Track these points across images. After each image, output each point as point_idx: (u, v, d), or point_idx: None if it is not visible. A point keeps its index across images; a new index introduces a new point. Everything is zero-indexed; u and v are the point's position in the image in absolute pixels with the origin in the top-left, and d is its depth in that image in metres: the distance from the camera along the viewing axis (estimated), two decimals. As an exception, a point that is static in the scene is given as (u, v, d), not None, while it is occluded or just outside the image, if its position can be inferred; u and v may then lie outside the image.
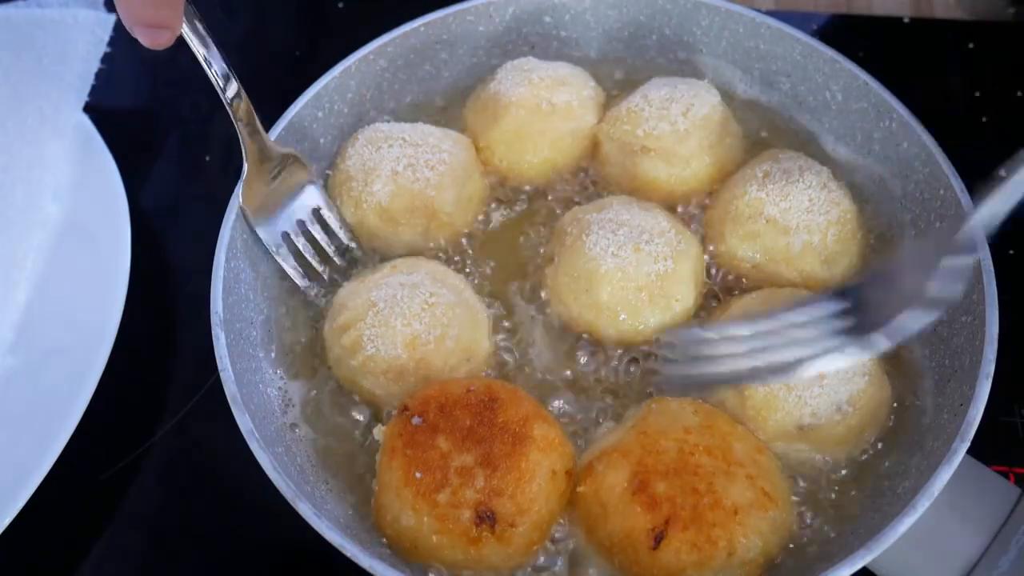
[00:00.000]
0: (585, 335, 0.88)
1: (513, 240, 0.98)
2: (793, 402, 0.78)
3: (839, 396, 0.78)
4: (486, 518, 0.73)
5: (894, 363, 0.85)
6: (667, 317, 0.86)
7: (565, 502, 0.77)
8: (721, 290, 0.92)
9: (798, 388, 0.78)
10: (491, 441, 0.75)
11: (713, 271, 0.94)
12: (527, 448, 0.75)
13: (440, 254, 0.96)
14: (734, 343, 0.78)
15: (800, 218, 0.88)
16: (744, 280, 0.92)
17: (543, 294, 0.92)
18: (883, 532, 0.68)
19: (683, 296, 0.87)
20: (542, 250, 0.95)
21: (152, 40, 0.74)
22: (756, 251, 0.90)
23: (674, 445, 0.75)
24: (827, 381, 0.78)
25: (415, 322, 0.83)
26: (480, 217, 0.99)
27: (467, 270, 0.95)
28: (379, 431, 0.79)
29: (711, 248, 0.94)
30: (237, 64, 0.84)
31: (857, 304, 0.75)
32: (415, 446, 0.75)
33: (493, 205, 1.00)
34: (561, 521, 0.78)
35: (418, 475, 0.74)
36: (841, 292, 0.78)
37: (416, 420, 0.77)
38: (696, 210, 0.98)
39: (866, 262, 0.93)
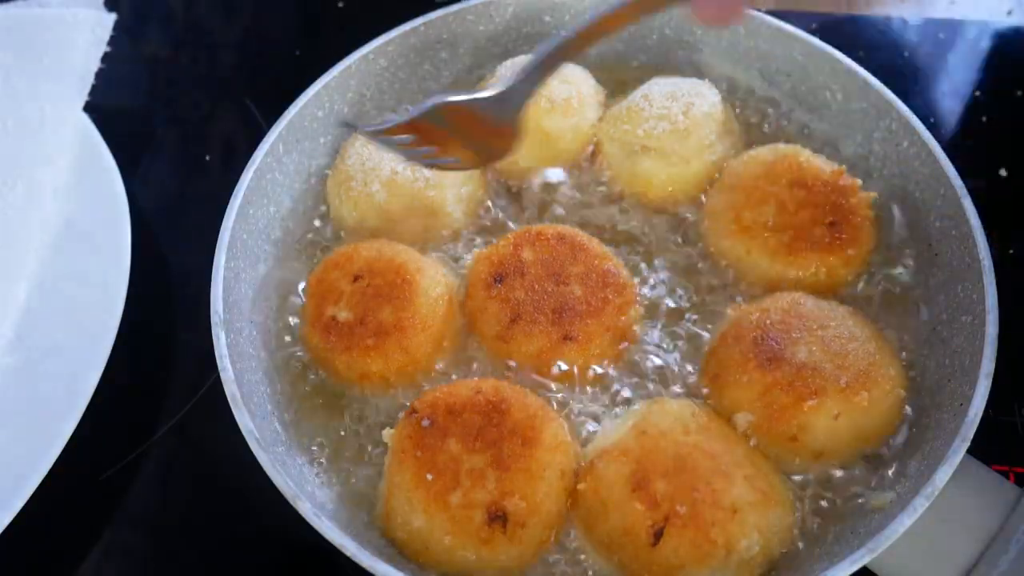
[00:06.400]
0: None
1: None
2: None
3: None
4: (497, 518, 0.73)
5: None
6: None
7: (572, 501, 0.78)
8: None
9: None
10: (501, 442, 0.76)
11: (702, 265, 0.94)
12: (536, 449, 0.76)
13: (440, 252, 0.96)
14: None
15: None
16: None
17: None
18: (883, 532, 0.68)
19: None
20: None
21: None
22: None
23: (673, 445, 0.75)
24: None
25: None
26: (480, 214, 0.99)
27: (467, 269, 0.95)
28: (387, 434, 0.79)
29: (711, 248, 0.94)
30: (237, 64, 0.84)
31: None
32: (425, 448, 0.76)
33: (493, 203, 1.00)
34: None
35: (429, 477, 0.74)
36: None
37: (425, 422, 0.77)
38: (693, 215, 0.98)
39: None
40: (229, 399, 0.77)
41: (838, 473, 0.80)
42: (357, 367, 0.84)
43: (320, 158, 1.02)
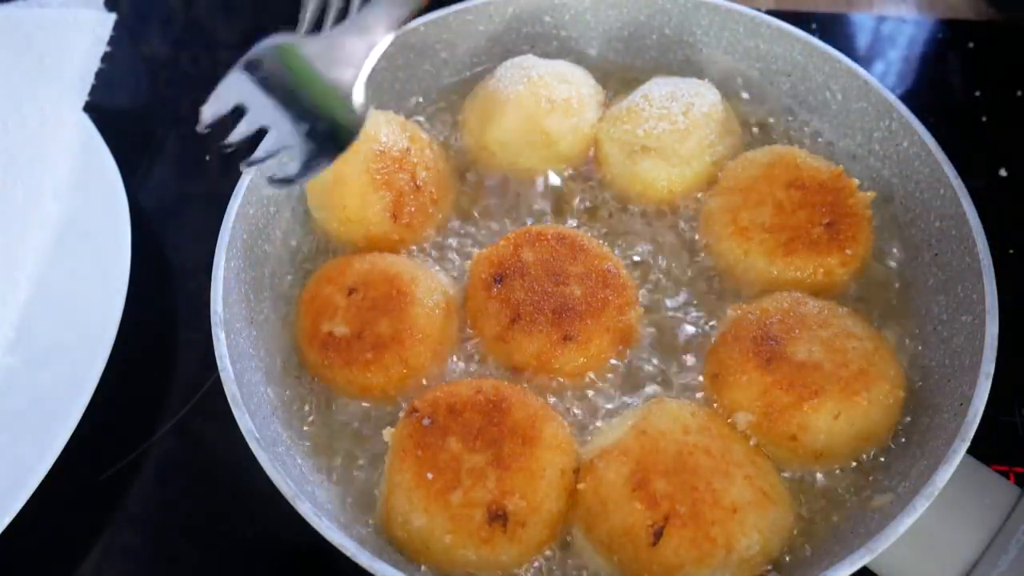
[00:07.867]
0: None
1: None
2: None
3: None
4: (498, 517, 0.73)
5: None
6: None
7: (572, 501, 0.78)
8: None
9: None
10: (501, 441, 0.76)
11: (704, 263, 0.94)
12: (537, 448, 0.76)
13: (436, 253, 0.96)
14: None
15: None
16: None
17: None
18: (883, 532, 0.68)
19: None
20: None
21: None
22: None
23: (673, 445, 0.75)
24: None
25: None
26: (481, 216, 0.99)
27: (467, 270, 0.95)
28: (388, 433, 0.79)
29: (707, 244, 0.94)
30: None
31: None
32: (426, 447, 0.76)
33: (493, 204, 1.00)
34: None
35: (429, 476, 0.74)
36: None
37: (426, 421, 0.77)
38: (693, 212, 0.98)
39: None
40: (229, 399, 0.77)
41: (838, 473, 0.80)
42: (358, 382, 0.84)
43: (320, 158, 1.01)
